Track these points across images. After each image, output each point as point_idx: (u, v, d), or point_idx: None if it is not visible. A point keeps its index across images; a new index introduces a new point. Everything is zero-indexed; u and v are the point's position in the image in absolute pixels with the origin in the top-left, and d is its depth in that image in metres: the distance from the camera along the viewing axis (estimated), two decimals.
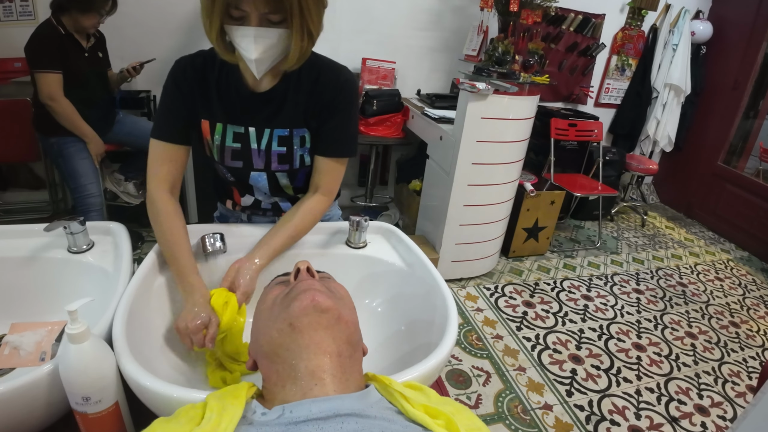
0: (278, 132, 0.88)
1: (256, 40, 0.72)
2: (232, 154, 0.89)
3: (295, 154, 0.91)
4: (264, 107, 0.87)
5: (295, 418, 0.41)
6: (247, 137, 0.88)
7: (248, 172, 0.92)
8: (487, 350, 2.03)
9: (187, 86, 0.85)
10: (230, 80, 0.85)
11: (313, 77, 0.86)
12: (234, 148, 0.89)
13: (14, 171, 2.58)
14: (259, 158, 0.90)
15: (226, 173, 0.95)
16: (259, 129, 0.88)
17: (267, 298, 0.58)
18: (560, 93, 3.58)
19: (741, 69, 3.52)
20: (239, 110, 0.87)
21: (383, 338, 0.86)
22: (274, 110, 0.87)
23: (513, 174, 2.43)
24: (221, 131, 0.88)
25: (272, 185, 0.96)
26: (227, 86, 0.86)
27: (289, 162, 0.91)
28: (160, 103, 0.87)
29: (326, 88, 0.86)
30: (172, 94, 0.85)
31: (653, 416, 1.78)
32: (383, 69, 2.92)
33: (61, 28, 1.75)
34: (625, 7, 3.43)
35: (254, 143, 0.89)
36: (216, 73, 0.85)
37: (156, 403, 0.55)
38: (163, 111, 0.87)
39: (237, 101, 0.86)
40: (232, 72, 0.85)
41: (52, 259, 0.82)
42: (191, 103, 0.86)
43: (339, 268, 0.92)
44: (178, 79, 0.85)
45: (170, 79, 0.85)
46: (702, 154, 3.84)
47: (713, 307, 2.64)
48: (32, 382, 0.53)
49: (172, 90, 0.85)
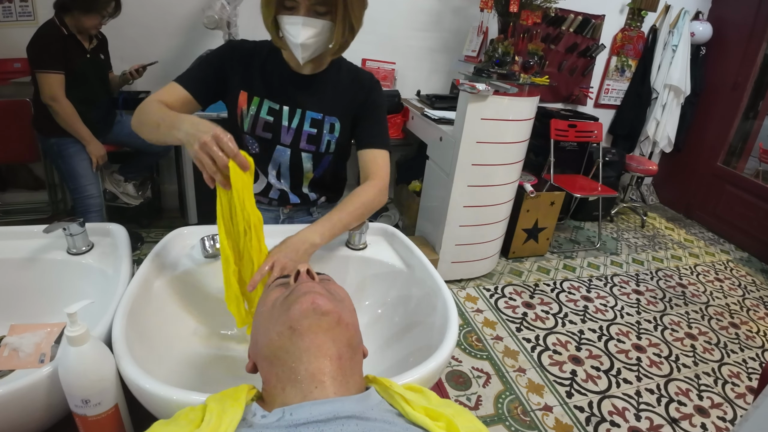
0: (311, 114, 0.98)
1: (303, 28, 0.82)
2: (264, 126, 0.97)
3: (323, 138, 0.99)
4: (301, 90, 0.97)
5: (295, 421, 0.41)
6: (280, 114, 0.97)
7: (275, 144, 0.99)
8: (487, 351, 2.03)
9: (230, 61, 0.95)
10: (275, 64, 0.96)
11: (352, 76, 1.00)
12: (267, 120, 0.97)
13: (14, 172, 2.58)
14: (287, 135, 0.98)
15: (252, 145, 1.00)
16: (292, 109, 0.97)
17: (267, 300, 0.57)
18: (560, 94, 3.58)
19: (740, 70, 3.52)
20: (278, 88, 0.96)
21: (383, 340, 0.85)
22: (310, 94, 0.97)
23: (513, 175, 2.43)
24: (258, 103, 0.96)
25: (293, 164, 1.02)
26: (272, 68, 0.96)
27: (317, 144, 0.99)
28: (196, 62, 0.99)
29: (363, 86, 1.00)
30: (212, 60, 0.95)
31: (653, 417, 1.78)
32: (383, 70, 2.93)
33: (64, 28, 1.75)
34: (624, 8, 3.43)
35: (285, 121, 0.97)
36: (264, 56, 0.96)
37: (156, 406, 0.55)
38: (194, 67, 0.98)
39: (278, 80, 0.96)
40: (278, 58, 0.96)
41: (52, 261, 0.82)
42: (228, 75, 0.95)
43: (339, 269, 0.93)
44: (224, 55, 0.95)
45: (216, 51, 0.97)
46: (702, 154, 3.84)
47: (713, 308, 2.64)
48: (31, 385, 0.53)
49: (213, 57, 0.95)
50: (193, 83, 0.93)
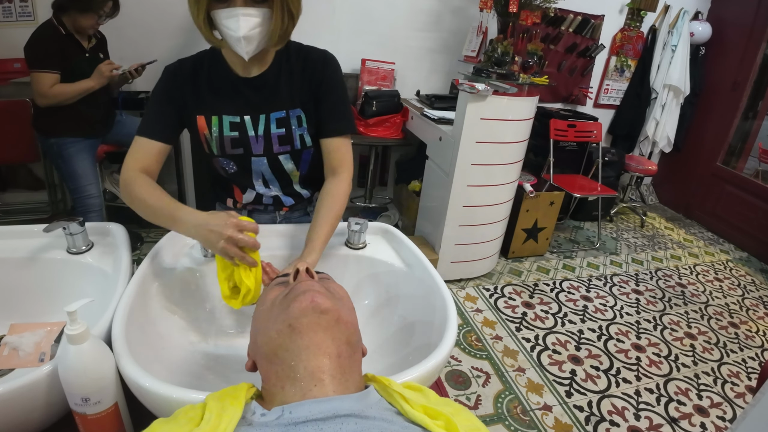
0: (275, 115, 0.92)
1: (243, 18, 0.76)
2: (232, 143, 0.92)
3: (294, 134, 0.94)
4: (257, 93, 0.91)
5: (294, 419, 0.41)
6: (243, 125, 0.91)
7: (249, 158, 0.95)
8: (486, 351, 2.03)
9: (176, 88, 0.88)
10: (220, 72, 0.89)
11: (302, 58, 0.93)
12: (233, 136, 0.92)
13: (14, 172, 2.58)
14: (257, 144, 0.93)
15: (228, 165, 0.96)
16: (254, 116, 0.92)
17: (266, 299, 0.57)
18: (559, 94, 3.58)
19: (740, 70, 3.52)
20: (232, 99, 0.90)
21: (383, 339, 0.86)
22: (267, 95, 0.91)
23: (512, 175, 2.43)
24: (217, 123, 0.91)
25: (276, 170, 0.98)
26: (218, 78, 0.89)
27: (290, 142, 0.95)
28: (148, 105, 0.91)
29: (316, 66, 0.92)
30: (160, 96, 0.89)
31: (653, 417, 1.78)
32: (383, 70, 2.93)
33: (62, 28, 1.75)
34: (624, 8, 3.44)
35: (251, 131, 0.92)
36: (206, 69, 0.89)
37: (155, 404, 0.55)
38: (149, 112, 0.90)
39: (229, 90, 0.90)
40: (221, 64, 0.89)
41: (52, 260, 0.82)
42: (181, 102, 0.89)
43: (338, 268, 0.93)
44: (168, 85, 0.89)
45: (159, 84, 0.90)
46: (701, 154, 3.84)
47: (712, 308, 2.64)
48: (31, 383, 0.53)
49: (160, 93, 0.89)
50: (157, 131, 0.87)
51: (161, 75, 0.89)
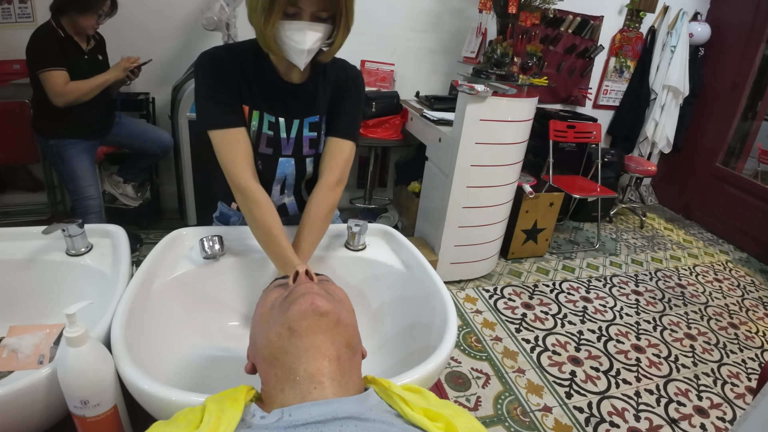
0: (309, 119, 0.95)
1: (309, 33, 0.80)
2: (267, 141, 0.94)
3: (321, 138, 0.98)
4: (295, 100, 0.93)
5: (294, 422, 0.41)
6: (277, 126, 0.93)
7: (277, 158, 0.96)
8: (486, 352, 2.03)
9: (228, 72, 0.87)
10: (265, 71, 0.90)
11: (338, 69, 0.96)
12: (268, 135, 0.93)
13: (13, 173, 2.58)
14: (288, 146, 0.95)
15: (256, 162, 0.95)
16: (288, 120, 0.93)
17: (266, 301, 0.57)
18: (559, 95, 3.59)
19: (739, 70, 3.53)
20: (273, 100, 0.92)
21: (382, 341, 0.85)
22: (306, 102, 0.94)
23: (512, 176, 2.43)
24: (258, 118, 0.92)
25: (299, 172, 1.00)
26: (263, 78, 0.90)
27: (317, 146, 0.98)
28: (201, 95, 0.88)
29: (348, 76, 0.97)
30: (214, 82, 0.87)
31: (653, 418, 1.78)
32: (382, 71, 2.93)
33: (60, 30, 1.75)
34: (623, 9, 3.44)
35: (283, 133, 0.94)
36: (251, 64, 0.89)
37: (154, 407, 0.55)
38: (209, 102, 0.87)
39: (274, 91, 0.92)
40: (266, 64, 0.90)
41: (51, 262, 0.82)
42: (236, 87, 0.88)
43: (338, 270, 0.93)
44: (217, 67, 0.87)
45: (207, 69, 0.87)
46: (700, 155, 3.85)
47: (712, 309, 2.64)
48: (30, 386, 0.53)
49: (212, 79, 0.87)
50: (231, 116, 0.87)
51: (200, 63, 0.87)
